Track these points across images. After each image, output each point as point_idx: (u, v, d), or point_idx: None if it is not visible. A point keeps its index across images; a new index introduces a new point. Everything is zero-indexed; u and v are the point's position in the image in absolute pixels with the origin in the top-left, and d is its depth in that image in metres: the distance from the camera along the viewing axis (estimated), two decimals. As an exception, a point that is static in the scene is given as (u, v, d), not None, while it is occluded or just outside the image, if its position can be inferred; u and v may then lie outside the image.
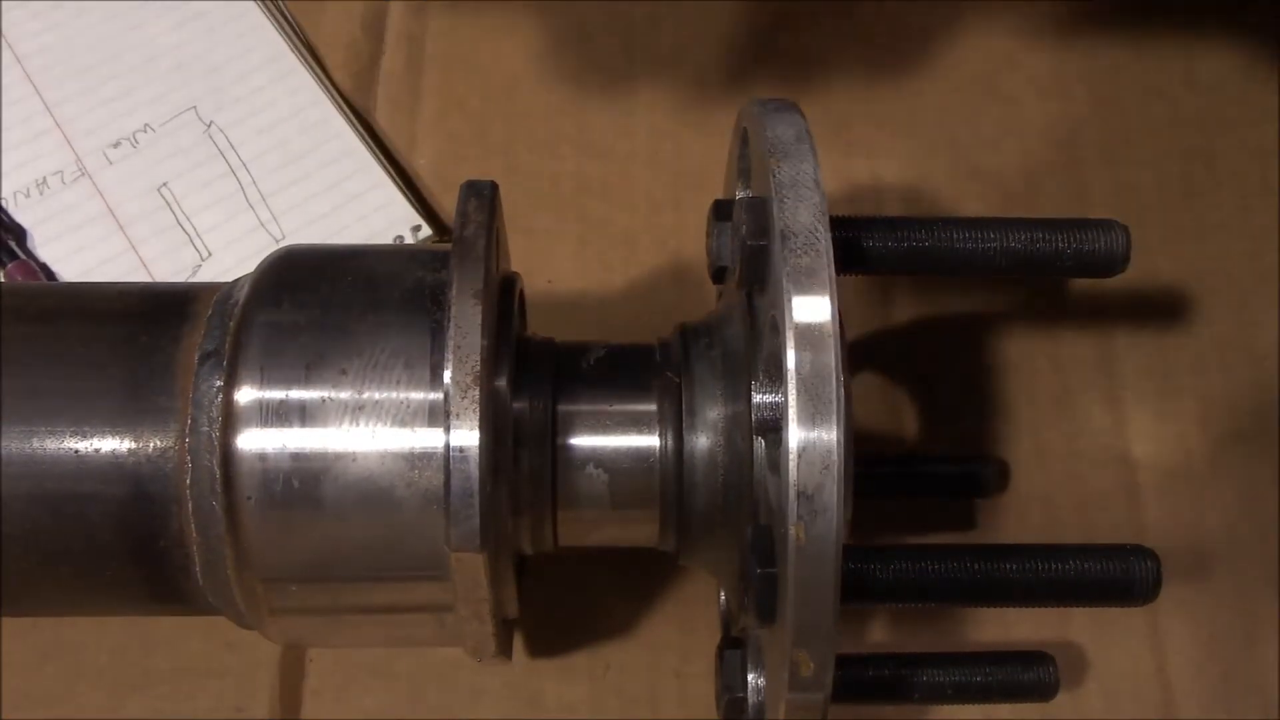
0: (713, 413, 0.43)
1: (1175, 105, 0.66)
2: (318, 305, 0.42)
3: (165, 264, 0.63)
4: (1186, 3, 0.68)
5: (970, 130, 0.65)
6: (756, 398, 0.42)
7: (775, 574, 0.38)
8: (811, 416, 0.36)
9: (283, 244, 0.59)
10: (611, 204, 0.64)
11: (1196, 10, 0.67)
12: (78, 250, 0.63)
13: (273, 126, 0.66)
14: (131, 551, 0.41)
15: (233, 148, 0.65)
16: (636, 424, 0.44)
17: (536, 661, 0.54)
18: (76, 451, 0.40)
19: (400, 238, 0.63)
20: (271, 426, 0.40)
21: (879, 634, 0.55)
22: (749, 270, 0.42)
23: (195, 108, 0.66)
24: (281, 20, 0.69)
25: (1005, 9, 0.68)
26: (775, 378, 0.41)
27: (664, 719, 0.53)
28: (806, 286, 0.37)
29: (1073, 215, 0.46)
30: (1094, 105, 0.66)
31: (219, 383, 0.41)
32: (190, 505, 0.40)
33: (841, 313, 0.37)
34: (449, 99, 0.67)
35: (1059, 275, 0.46)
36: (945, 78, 0.66)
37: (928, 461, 0.57)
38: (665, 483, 0.44)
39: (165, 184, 0.64)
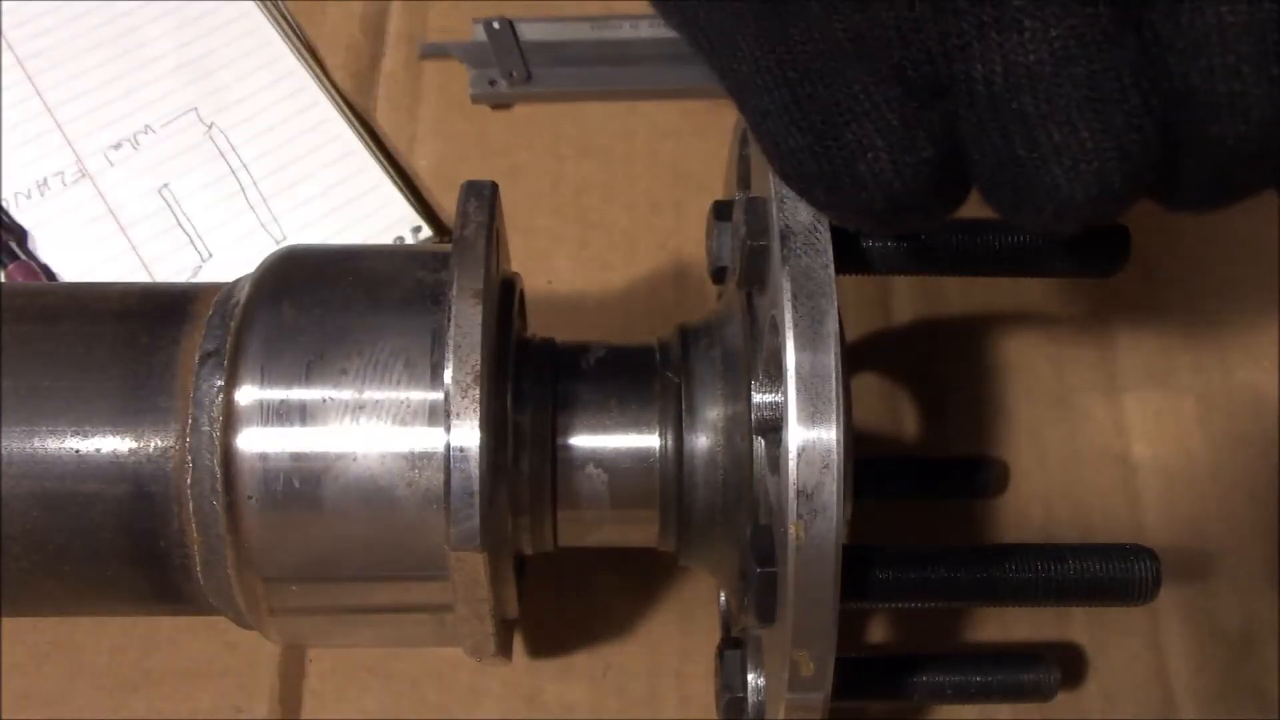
0: (713, 413, 0.43)
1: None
2: (318, 305, 0.42)
3: (166, 265, 0.63)
4: None
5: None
6: (756, 397, 0.42)
7: (775, 574, 0.38)
8: (811, 416, 0.36)
9: (283, 244, 0.59)
10: (611, 204, 0.64)
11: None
12: (79, 251, 0.63)
13: (273, 128, 0.66)
14: (132, 551, 0.41)
15: (234, 149, 0.66)
16: (636, 424, 0.44)
17: (536, 661, 0.54)
18: (77, 451, 0.40)
19: (400, 238, 0.63)
20: (272, 426, 0.40)
21: (879, 634, 0.55)
22: (749, 270, 0.42)
23: (196, 109, 0.67)
24: (281, 21, 0.69)
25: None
26: (775, 377, 0.41)
27: (664, 719, 0.53)
28: (806, 286, 0.37)
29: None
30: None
31: (220, 382, 0.41)
32: (191, 505, 0.40)
33: (841, 313, 0.38)
34: (449, 99, 0.67)
35: (1059, 275, 0.46)
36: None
37: (928, 461, 0.57)
38: (665, 483, 0.44)
39: (166, 185, 0.65)
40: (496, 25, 0.34)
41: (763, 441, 0.42)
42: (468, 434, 0.39)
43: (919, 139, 0.28)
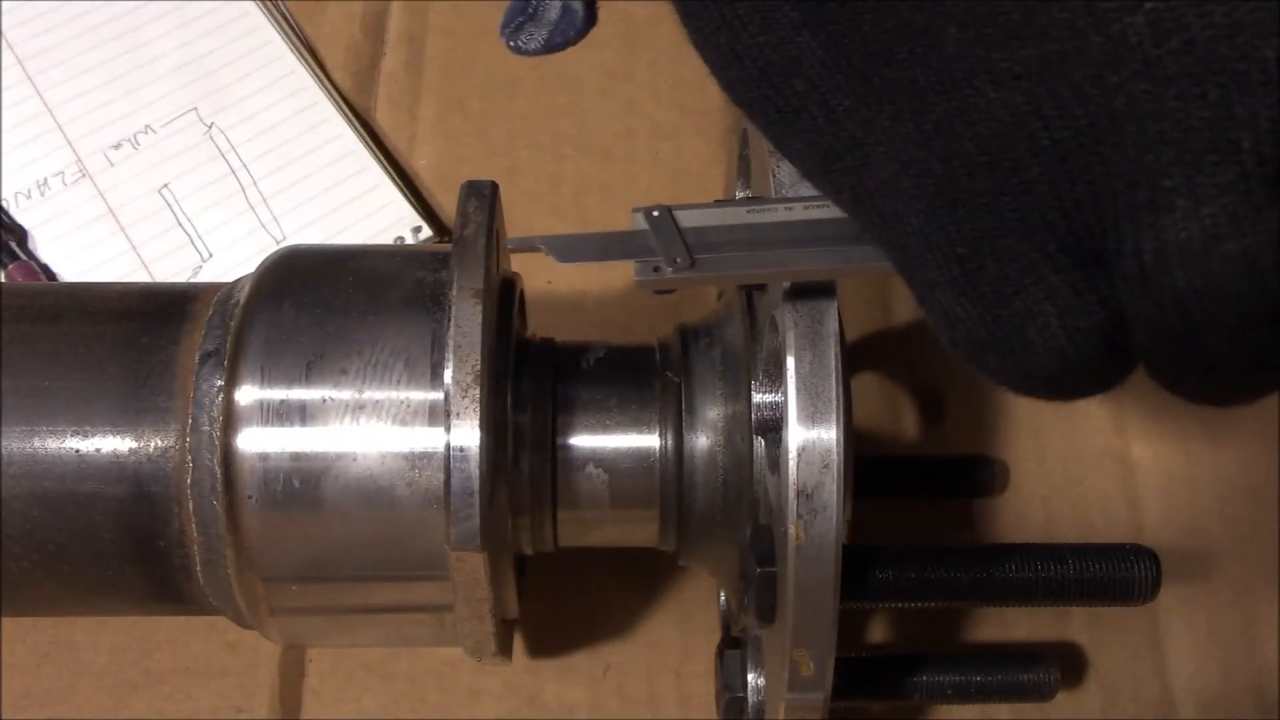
0: (713, 412, 0.43)
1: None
2: (318, 305, 0.42)
3: (166, 265, 0.63)
4: None
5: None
6: (756, 397, 0.42)
7: (775, 573, 0.38)
8: (811, 416, 0.36)
9: (283, 244, 0.59)
10: (611, 204, 0.64)
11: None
12: (79, 251, 0.63)
13: (273, 127, 0.66)
14: (131, 551, 0.41)
15: (234, 149, 0.65)
16: (636, 424, 0.44)
17: (536, 661, 0.54)
18: (77, 451, 0.40)
19: (400, 238, 0.63)
20: (272, 426, 0.40)
21: (879, 634, 0.55)
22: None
23: (196, 109, 0.67)
24: (281, 21, 0.69)
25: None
26: (775, 377, 0.41)
27: (664, 719, 0.53)
28: (806, 286, 0.37)
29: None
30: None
31: (220, 382, 0.41)
32: (191, 505, 0.40)
33: (841, 313, 0.38)
34: (449, 99, 0.67)
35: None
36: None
37: (928, 461, 0.57)
38: (665, 483, 0.44)
39: (166, 185, 0.65)
40: (656, 214, 0.36)
41: (763, 441, 0.42)
42: (468, 434, 0.39)
43: (1089, 303, 0.29)
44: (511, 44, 0.40)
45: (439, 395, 0.40)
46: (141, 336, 0.42)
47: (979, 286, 0.30)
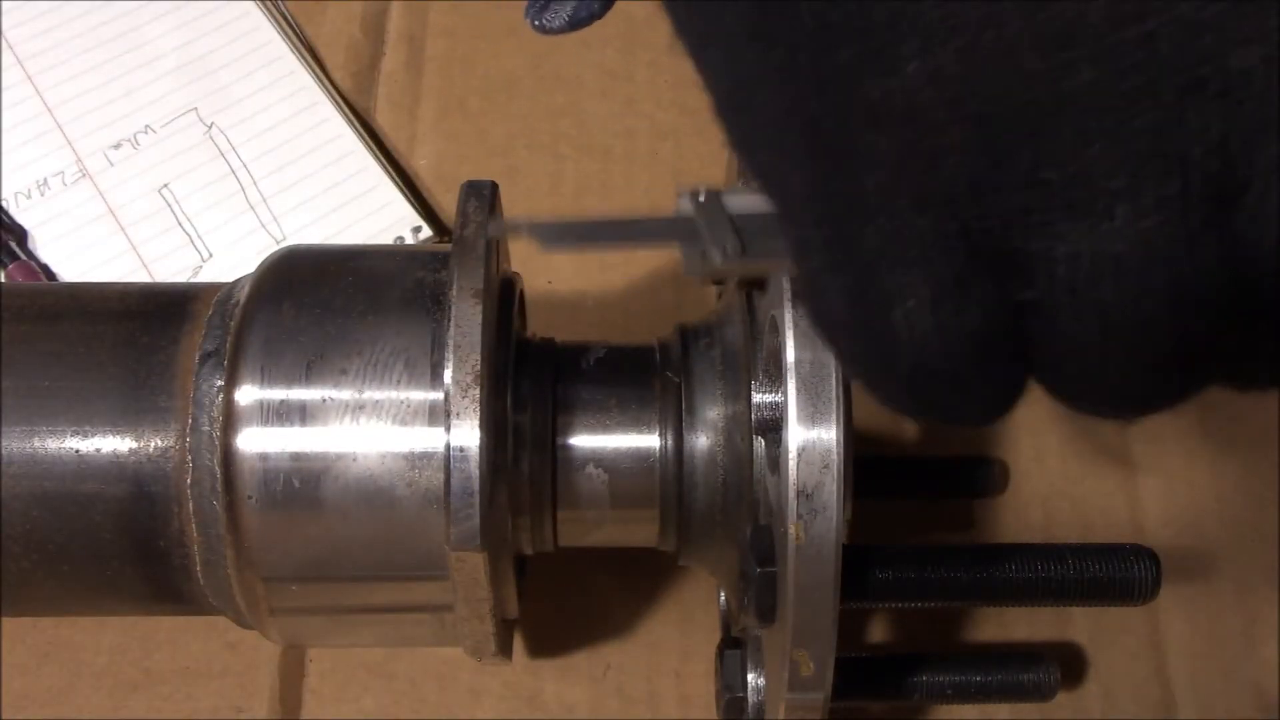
0: (713, 412, 0.43)
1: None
2: (318, 305, 0.42)
3: (166, 265, 0.63)
4: None
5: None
6: (756, 397, 0.42)
7: (775, 573, 0.38)
8: (811, 416, 0.36)
9: (283, 244, 0.59)
10: (611, 204, 0.64)
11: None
12: (79, 251, 0.63)
13: (273, 127, 0.66)
14: (131, 551, 0.41)
15: (234, 149, 0.66)
16: (636, 424, 0.44)
17: (536, 661, 0.54)
18: (77, 451, 0.40)
19: (400, 238, 0.63)
20: (272, 426, 0.40)
21: (879, 634, 0.55)
22: (749, 270, 0.41)
23: (196, 109, 0.67)
24: (281, 21, 0.69)
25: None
26: (775, 377, 0.41)
27: (664, 719, 0.53)
28: (806, 286, 0.37)
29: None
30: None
31: (219, 382, 0.41)
32: (191, 505, 0.40)
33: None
34: (449, 99, 0.67)
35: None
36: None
37: (928, 461, 0.57)
38: (665, 483, 0.44)
39: (166, 185, 0.65)
40: (703, 197, 0.33)
41: (763, 441, 0.42)
42: (468, 434, 0.39)
43: (968, 302, 0.26)
44: (536, 23, 0.39)
45: (439, 395, 0.40)
46: (141, 336, 0.42)
47: (851, 255, 0.26)
